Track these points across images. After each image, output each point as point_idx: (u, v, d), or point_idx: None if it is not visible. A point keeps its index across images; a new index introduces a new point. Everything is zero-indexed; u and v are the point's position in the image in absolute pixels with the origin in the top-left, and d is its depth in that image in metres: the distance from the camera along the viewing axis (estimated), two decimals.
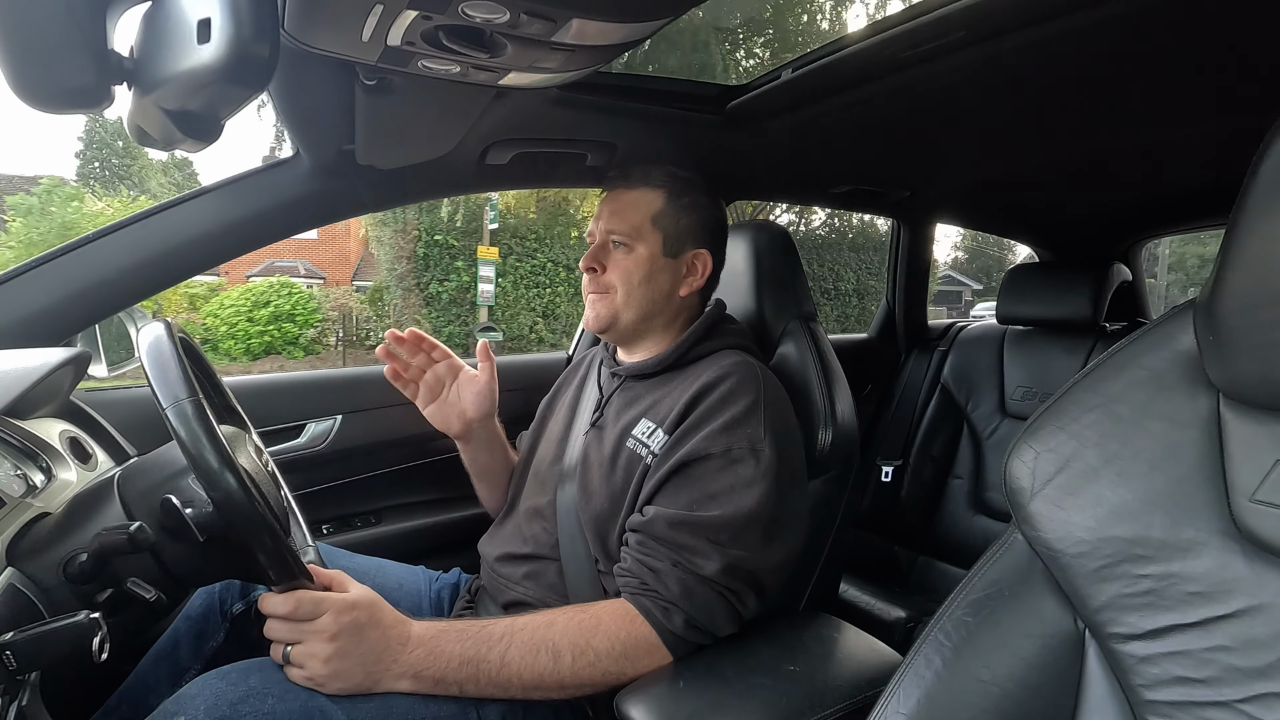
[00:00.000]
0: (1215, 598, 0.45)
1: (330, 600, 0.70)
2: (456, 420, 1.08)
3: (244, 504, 0.60)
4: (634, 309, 0.98)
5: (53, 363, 0.81)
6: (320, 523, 1.33)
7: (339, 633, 0.69)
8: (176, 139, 0.57)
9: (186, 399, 0.61)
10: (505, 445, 1.16)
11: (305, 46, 0.68)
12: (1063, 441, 0.53)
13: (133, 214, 1.03)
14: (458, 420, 1.08)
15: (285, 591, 0.69)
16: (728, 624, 0.81)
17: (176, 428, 0.60)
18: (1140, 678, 0.48)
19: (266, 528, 0.62)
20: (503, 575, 0.98)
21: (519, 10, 0.59)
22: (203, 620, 0.91)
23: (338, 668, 0.68)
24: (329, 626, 0.69)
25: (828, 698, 0.74)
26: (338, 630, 0.69)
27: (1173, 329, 0.51)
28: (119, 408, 1.09)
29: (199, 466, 0.60)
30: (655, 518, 0.82)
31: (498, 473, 1.14)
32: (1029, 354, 1.76)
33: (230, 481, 0.60)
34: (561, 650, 0.75)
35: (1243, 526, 0.44)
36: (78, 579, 0.65)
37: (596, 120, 1.14)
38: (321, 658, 0.68)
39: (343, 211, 1.16)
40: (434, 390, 1.08)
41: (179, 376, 0.62)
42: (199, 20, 0.48)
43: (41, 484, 0.78)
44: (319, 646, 0.68)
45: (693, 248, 1.00)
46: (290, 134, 1.00)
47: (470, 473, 1.15)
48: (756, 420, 0.85)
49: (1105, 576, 0.49)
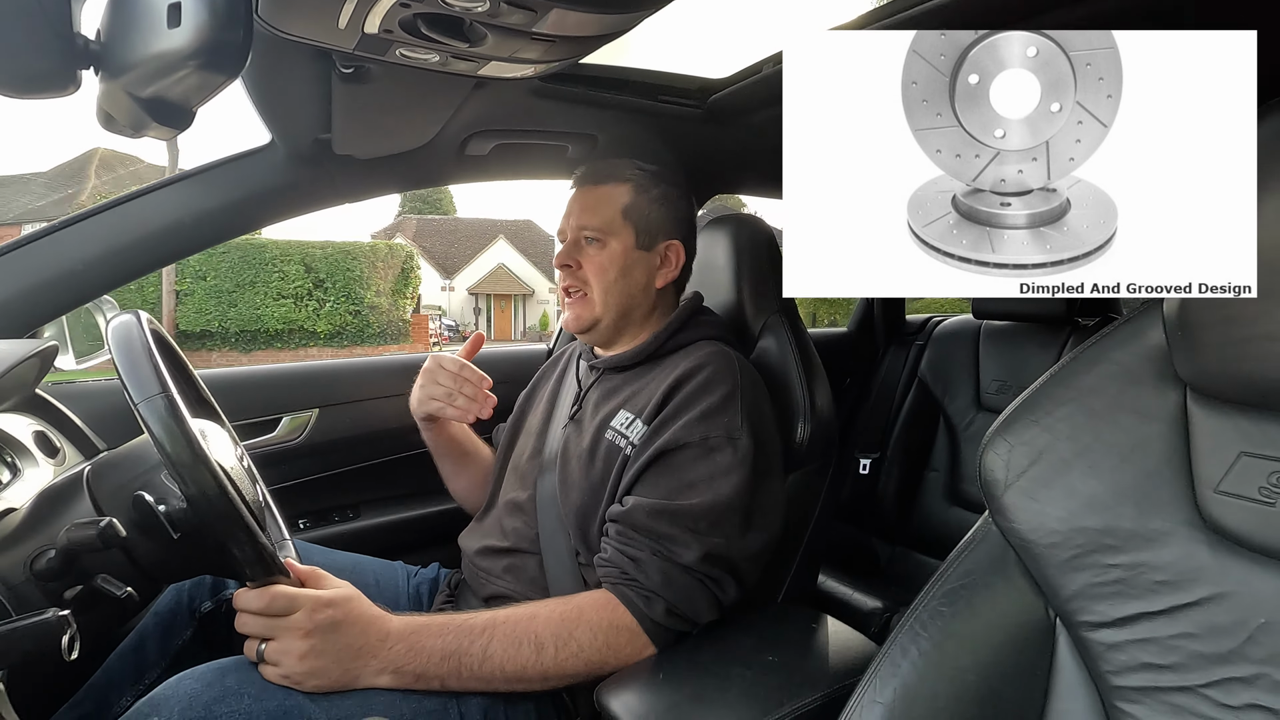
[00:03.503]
0: (1181, 586, 0.46)
1: (305, 597, 0.69)
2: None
3: (218, 499, 0.59)
4: (613, 306, 0.98)
5: (17, 355, 0.79)
6: (297, 517, 1.31)
7: (313, 630, 0.68)
8: (146, 125, 0.56)
9: (159, 394, 0.60)
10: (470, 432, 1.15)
11: (280, 33, 0.66)
12: (1036, 434, 0.54)
13: (101, 203, 1.01)
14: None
15: (259, 587, 0.68)
16: (708, 611, 0.82)
17: (149, 423, 0.59)
18: (1108, 664, 0.49)
19: (241, 523, 0.61)
20: (483, 569, 0.97)
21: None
22: (170, 618, 0.90)
23: (313, 665, 0.68)
24: (303, 623, 0.68)
25: (806, 687, 0.75)
26: (312, 627, 0.68)
27: (1143, 324, 0.52)
28: (87, 400, 1.07)
29: (172, 462, 0.59)
30: (634, 507, 0.82)
31: (469, 455, 1.13)
32: (1004, 348, 1.79)
33: (205, 477, 0.59)
34: (544, 642, 0.75)
35: (1207, 517, 0.46)
36: (45, 576, 0.64)
37: (577, 112, 1.13)
38: (296, 655, 0.67)
39: (319, 202, 1.14)
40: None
41: (150, 371, 0.61)
42: (169, 3, 0.47)
43: (7, 480, 0.76)
44: (293, 644, 0.68)
45: (665, 239, 1.00)
46: (265, 122, 0.98)
47: (445, 456, 1.12)
48: (733, 409, 0.86)
49: (1076, 566, 0.50)
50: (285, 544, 0.89)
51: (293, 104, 0.91)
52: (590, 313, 0.98)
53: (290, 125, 0.98)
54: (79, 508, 0.69)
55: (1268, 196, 0.39)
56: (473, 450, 1.15)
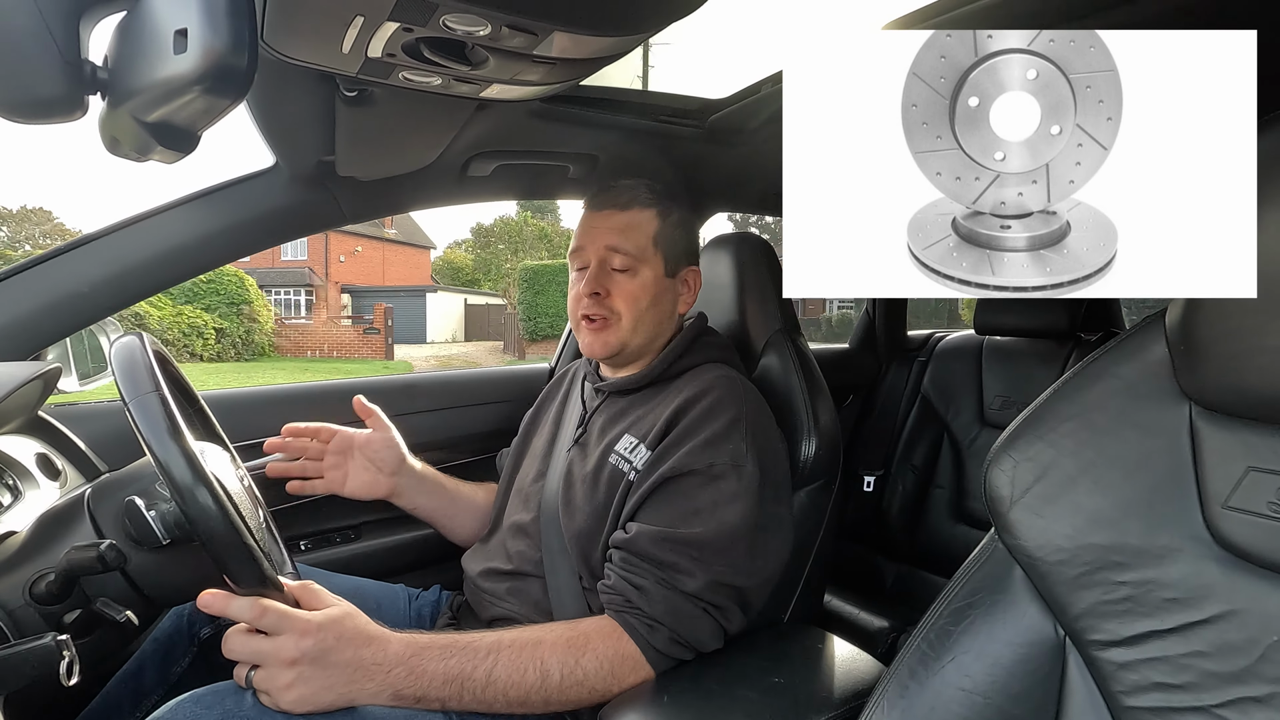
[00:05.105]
0: (1191, 604, 0.45)
1: (294, 620, 0.66)
2: (377, 483, 1.04)
3: (205, 499, 0.58)
4: (642, 334, 0.97)
5: (20, 377, 0.79)
6: (298, 539, 1.30)
7: (299, 658, 0.65)
8: (152, 149, 0.57)
9: (151, 392, 0.60)
10: (438, 479, 1.11)
11: (284, 58, 0.67)
12: (1041, 450, 0.53)
13: (105, 226, 1.02)
14: (379, 481, 1.04)
15: (250, 595, 0.65)
16: (712, 640, 0.81)
17: (136, 418, 0.59)
18: (1120, 684, 0.48)
19: (228, 521, 0.59)
20: (486, 591, 0.96)
21: (500, 23, 0.59)
22: (169, 643, 0.89)
23: (300, 694, 0.65)
24: (289, 651, 0.65)
25: (812, 709, 0.74)
26: (298, 655, 0.65)
27: (1145, 339, 0.52)
28: (90, 422, 1.07)
29: (157, 458, 0.58)
30: (638, 534, 0.82)
31: (447, 508, 1.11)
32: (1007, 364, 1.79)
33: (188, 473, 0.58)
34: (550, 669, 0.74)
35: (1216, 533, 0.45)
36: (44, 600, 0.63)
37: (579, 133, 1.14)
38: (282, 684, 0.64)
39: (322, 223, 1.15)
40: (340, 472, 1.03)
41: (146, 374, 0.61)
42: (175, 30, 0.48)
43: (8, 502, 0.76)
44: (278, 673, 0.65)
45: (686, 265, 1.01)
46: (268, 145, 0.99)
47: (425, 521, 1.11)
48: (738, 435, 0.85)
49: (1084, 584, 0.49)
50: (286, 565, 0.88)
51: (296, 126, 0.92)
52: (618, 338, 0.96)
53: (294, 147, 0.99)
54: (80, 530, 0.68)
55: (1269, 209, 0.39)
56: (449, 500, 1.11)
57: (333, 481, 1.03)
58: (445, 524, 1.11)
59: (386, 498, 1.06)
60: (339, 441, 1.03)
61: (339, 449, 1.03)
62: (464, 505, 1.12)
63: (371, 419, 1.06)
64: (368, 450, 1.04)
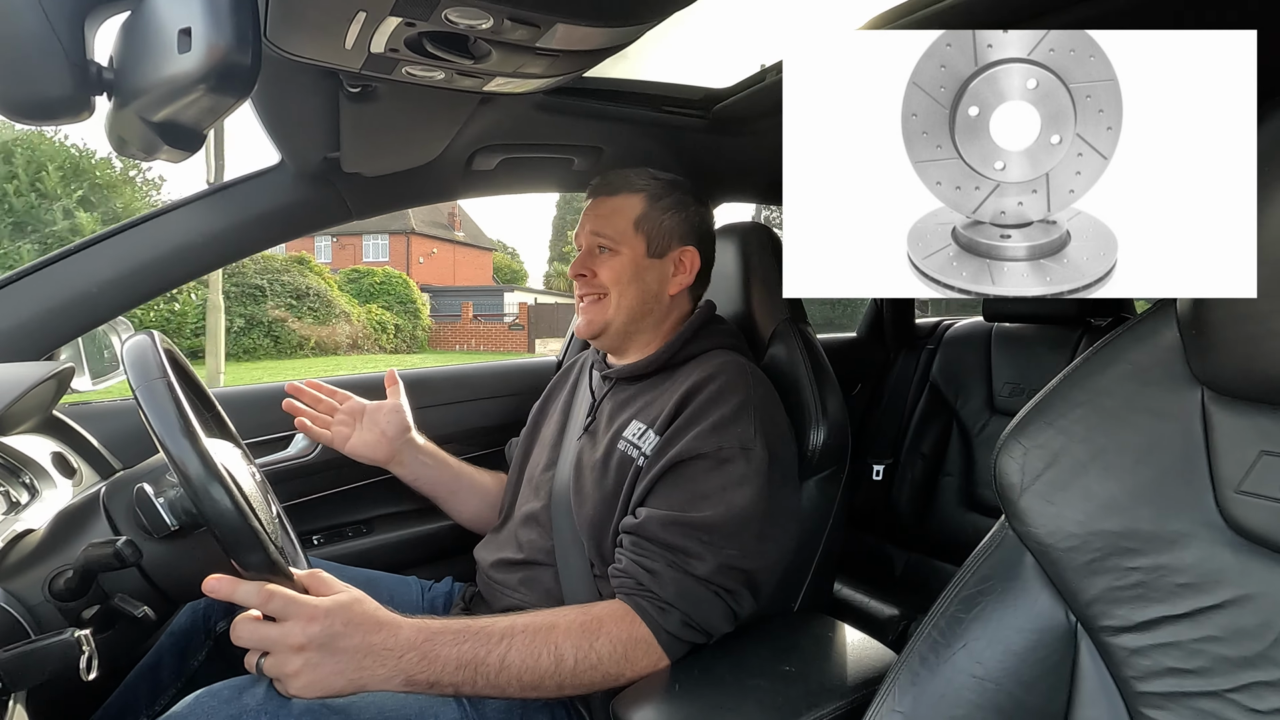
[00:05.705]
0: (1204, 589, 0.45)
1: (301, 606, 0.65)
2: (379, 444, 1.08)
3: (209, 480, 0.59)
4: (624, 310, 0.98)
5: (35, 377, 0.80)
6: (311, 533, 1.31)
7: (306, 644, 0.65)
8: (158, 148, 0.57)
9: (158, 378, 0.61)
10: (441, 455, 1.14)
11: (288, 55, 0.67)
12: (1051, 437, 0.53)
13: (114, 226, 1.02)
14: (381, 443, 1.08)
15: (257, 579, 0.65)
16: (723, 623, 0.81)
17: (141, 402, 0.60)
18: (1132, 670, 0.48)
19: (233, 503, 0.60)
20: (499, 581, 0.97)
21: (503, 16, 0.59)
22: (186, 638, 0.90)
23: (310, 679, 0.65)
24: (296, 637, 0.64)
25: (824, 697, 0.74)
26: (305, 641, 0.65)
27: (1156, 324, 0.52)
28: (104, 421, 1.08)
29: (160, 440, 0.59)
30: (648, 519, 0.82)
31: (450, 483, 1.13)
32: (1016, 351, 1.77)
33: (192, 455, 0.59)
34: (564, 653, 0.74)
35: (1229, 518, 0.45)
36: (63, 596, 0.64)
37: (582, 125, 1.14)
38: (290, 671, 0.65)
39: (328, 220, 1.16)
40: (347, 430, 1.09)
41: (154, 364, 0.63)
42: (179, 29, 0.48)
43: (25, 501, 0.77)
44: (286, 659, 0.65)
45: (679, 245, 1.01)
46: (274, 142, 0.99)
47: (427, 496, 1.14)
48: (746, 419, 0.85)
49: (1095, 570, 0.49)
50: (300, 559, 0.89)
51: (301, 124, 0.92)
52: (602, 316, 0.99)
53: (299, 145, 1.00)
54: (96, 527, 0.69)
55: (1269, 195, 0.39)
56: (451, 476, 1.14)
57: (338, 437, 1.09)
58: (447, 500, 1.14)
59: (386, 464, 1.10)
60: (351, 405, 1.11)
61: (350, 412, 1.11)
62: (467, 484, 1.14)
63: (392, 388, 1.13)
64: (375, 415, 1.10)
